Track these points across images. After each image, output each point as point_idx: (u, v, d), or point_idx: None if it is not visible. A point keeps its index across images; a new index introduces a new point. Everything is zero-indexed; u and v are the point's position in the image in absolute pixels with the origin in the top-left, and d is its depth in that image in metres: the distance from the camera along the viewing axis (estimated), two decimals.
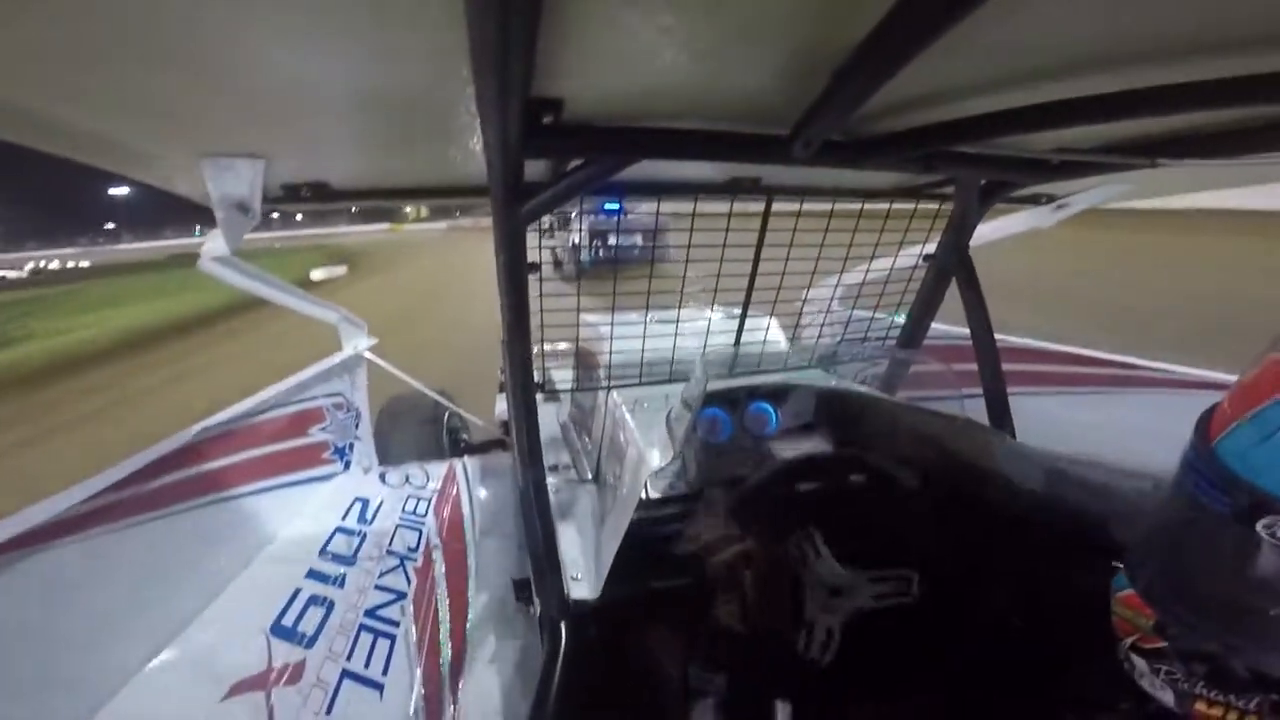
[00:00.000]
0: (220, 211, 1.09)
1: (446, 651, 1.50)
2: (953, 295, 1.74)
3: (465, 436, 3.13)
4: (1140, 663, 0.65)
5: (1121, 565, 0.71)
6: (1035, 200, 1.68)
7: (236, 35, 0.59)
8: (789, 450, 1.54)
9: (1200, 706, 0.60)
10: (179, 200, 1.25)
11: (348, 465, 2.15)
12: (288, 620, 1.45)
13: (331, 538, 1.76)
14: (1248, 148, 0.87)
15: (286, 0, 0.53)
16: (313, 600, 1.52)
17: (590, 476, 1.76)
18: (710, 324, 1.92)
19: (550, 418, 2.29)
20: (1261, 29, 0.57)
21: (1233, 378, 0.60)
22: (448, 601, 1.64)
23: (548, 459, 1.70)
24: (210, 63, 0.66)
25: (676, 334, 1.76)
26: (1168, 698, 0.63)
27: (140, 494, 1.40)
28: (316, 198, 1.28)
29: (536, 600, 1.33)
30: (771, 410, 1.62)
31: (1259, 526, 0.53)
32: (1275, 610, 0.54)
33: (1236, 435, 0.56)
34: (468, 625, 1.59)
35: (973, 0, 0.47)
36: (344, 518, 1.86)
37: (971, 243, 1.65)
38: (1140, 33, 0.61)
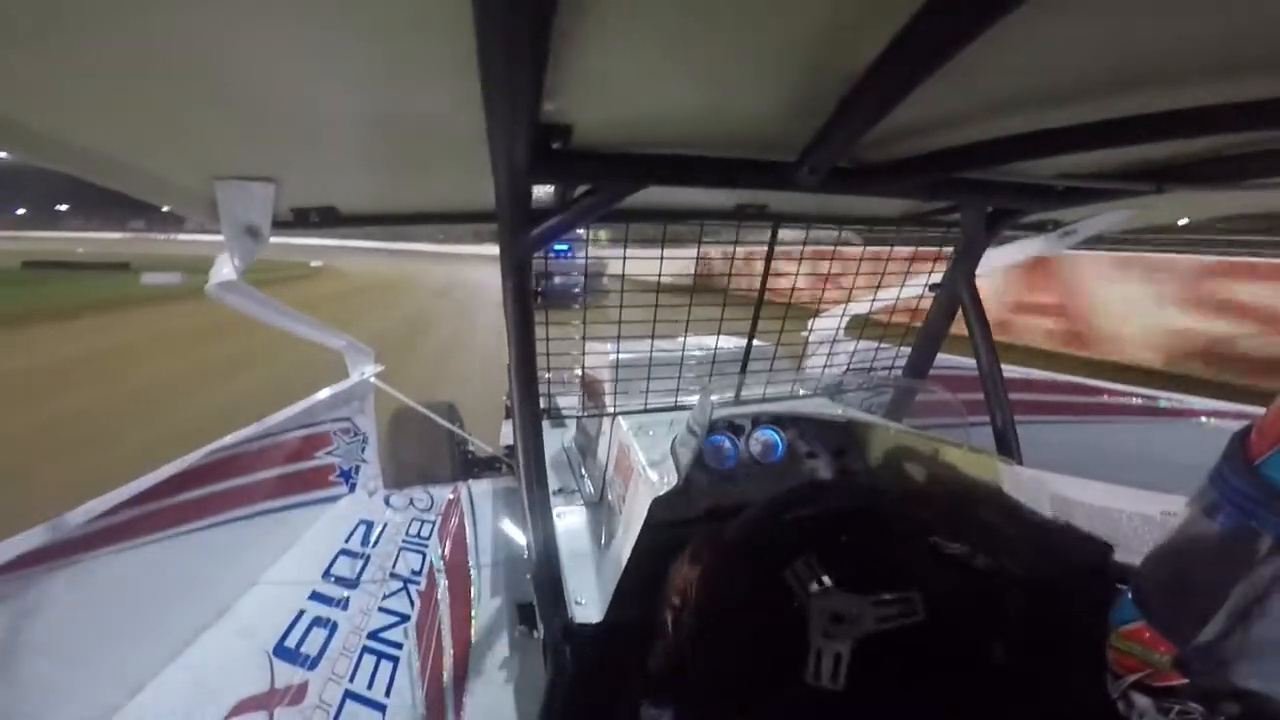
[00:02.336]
0: (230, 235, 1.11)
1: (449, 674, 1.49)
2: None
3: (471, 450, 3.12)
4: (1143, 702, 0.62)
5: (1128, 593, 0.68)
6: (1042, 228, 1.68)
7: (253, 60, 0.61)
8: (793, 477, 1.53)
9: None
10: None
11: (353, 488, 2.15)
12: (291, 641, 1.44)
13: (335, 560, 1.76)
14: (1253, 173, 0.87)
15: (303, 25, 0.54)
16: (316, 622, 1.52)
17: (595, 501, 1.75)
18: (716, 351, 1.92)
19: (555, 442, 2.29)
20: (1265, 54, 0.58)
21: (1236, 406, 0.60)
22: (451, 624, 1.63)
23: (552, 483, 1.69)
24: (226, 86, 0.67)
25: (682, 361, 1.77)
26: None
27: (147, 514, 1.41)
28: (324, 222, 1.30)
29: (540, 624, 1.32)
30: (778, 437, 1.62)
31: None
32: None
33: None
34: (471, 648, 1.58)
35: (976, 28, 0.48)
36: (348, 540, 1.86)
37: (978, 271, 1.66)
38: (1144, 59, 0.62)
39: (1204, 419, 1.81)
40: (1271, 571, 0.54)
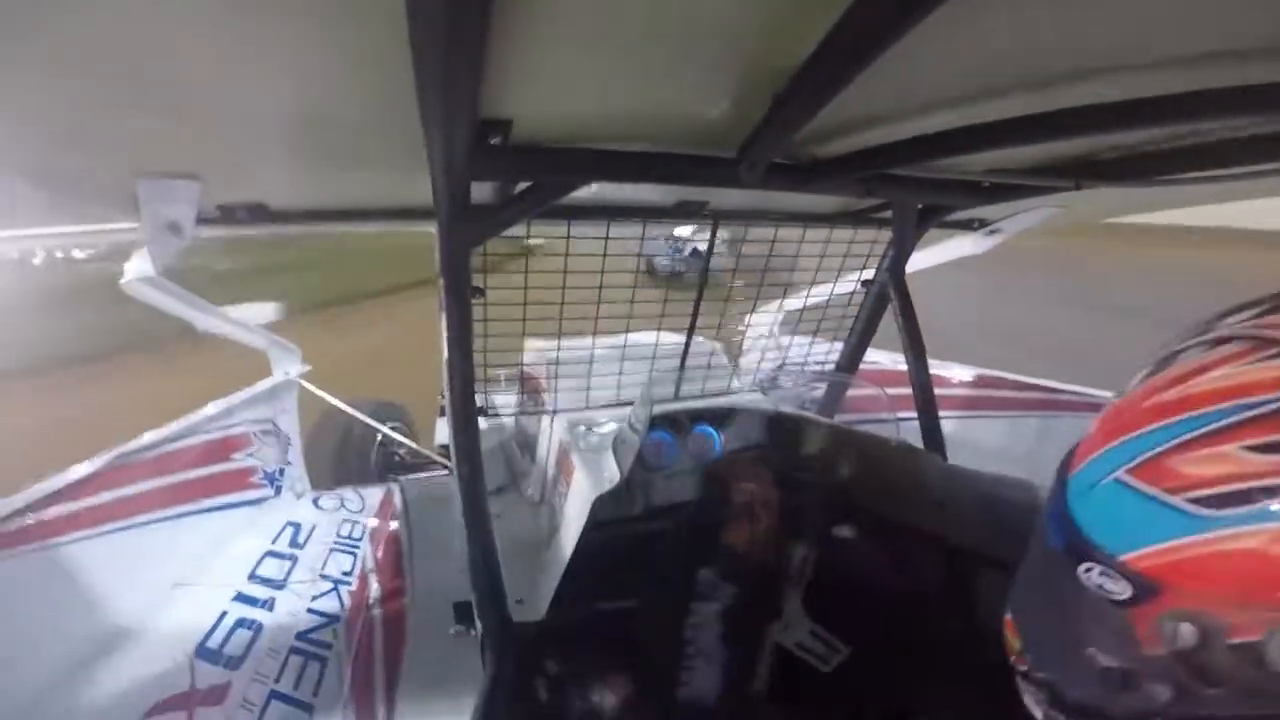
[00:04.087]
0: (150, 232, 1.05)
1: (381, 674, 1.47)
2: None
3: (400, 453, 3.05)
4: (1019, 681, 0.65)
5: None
6: (969, 226, 1.75)
7: (175, 52, 0.58)
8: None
9: None
10: None
11: (279, 490, 2.08)
12: (213, 643, 1.42)
13: (261, 561, 1.70)
14: (1165, 169, 0.92)
15: (227, 15, 0.52)
16: (240, 623, 1.49)
17: (535, 499, 1.74)
18: (656, 349, 1.93)
19: (494, 439, 2.26)
20: (1177, 51, 0.61)
21: None
22: (383, 625, 1.60)
23: (491, 481, 1.67)
24: (147, 80, 0.63)
25: (623, 358, 1.77)
26: (1039, 716, 0.62)
27: (58, 516, 1.36)
28: (253, 220, 1.24)
29: (478, 623, 1.31)
30: (715, 434, 1.64)
31: (1079, 570, 0.52)
32: (1088, 650, 0.54)
33: (1079, 476, 0.55)
34: (405, 648, 1.56)
35: (906, 24, 0.49)
36: (274, 541, 1.80)
37: (907, 268, 1.71)
38: (1064, 55, 0.65)
39: None
40: (1056, 582, 0.56)
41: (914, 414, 1.65)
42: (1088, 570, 0.52)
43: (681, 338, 1.97)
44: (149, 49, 0.56)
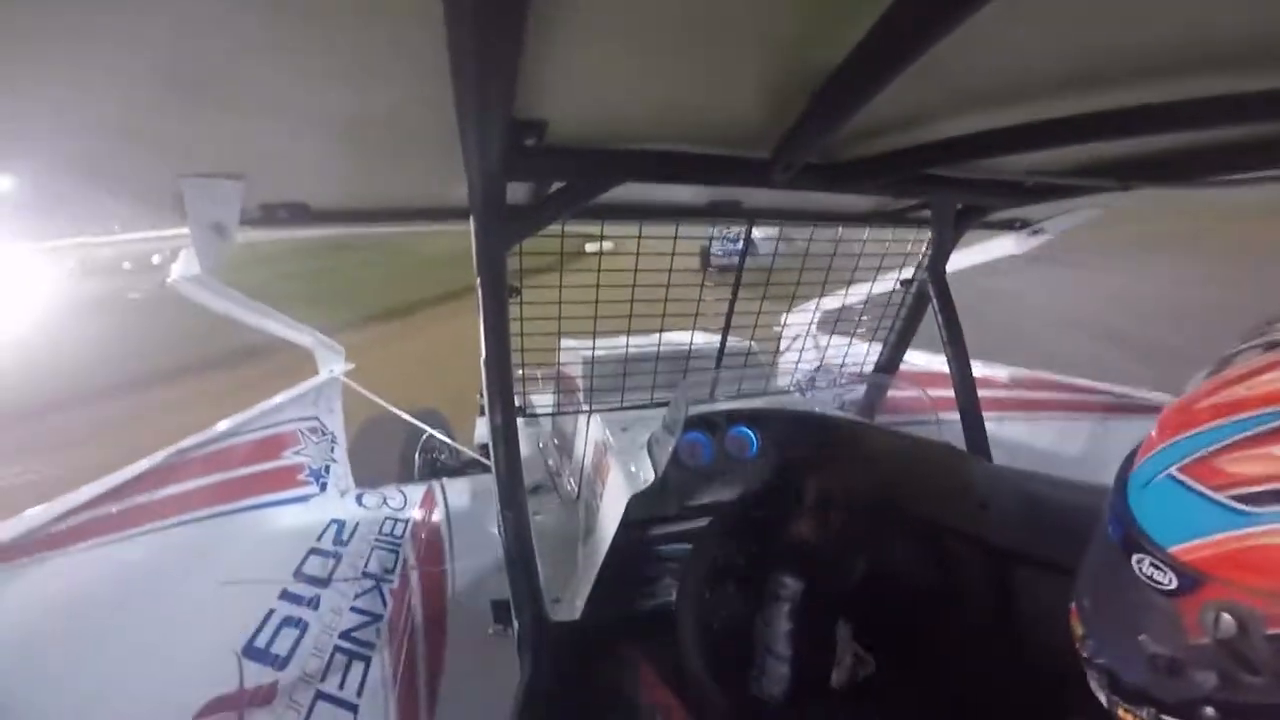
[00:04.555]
0: (196, 232, 1.08)
1: (423, 673, 1.48)
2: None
3: (442, 457, 3.10)
4: (1086, 667, 0.68)
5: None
6: (1010, 225, 1.71)
7: (220, 54, 0.60)
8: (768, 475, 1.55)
9: (1120, 711, 0.63)
10: None
11: (324, 488, 2.12)
12: (260, 641, 1.43)
13: (306, 559, 1.73)
14: (1216, 169, 0.89)
15: (273, 20, 0.53)
16: (286, 621, 1.50)
17: (572, 498, 1.75)
18: (691, 348, 1.93)
19: (531, 438, 2.28)
20: (1230, 51, 0.59)
21: None
22: (424, 623, 1.62)
23: (529, 480, 1.69)
24: (194, 81, 0.65)
25: (658, 358, 1.77)
26: (1103, 700, 0.65)
27: (110, 515, 1.39)
28: (294, 220, 1.27)
29: (515, 622, 1.32)
30: (752, 435, 1.63)
31: (1132, 560, 0.55)
32: (1140, 637, 0.57)
33: (1138, 472, 0.58)
34: (445, 647, 1.57)
35: (946, 25, 0.48)
36: (319, 539, 1.83)
37: (947, 268, 1.68)
38: (1110, 55, 0.63)
39: None
40: (1113, 571, 0.59)
41: (955, 415, 1.61)
42: (1139, 561, 0.55)
43: (716, 338, 1.96)
44: (195, 51, 0.58)
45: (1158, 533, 0.54)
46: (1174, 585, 0.53)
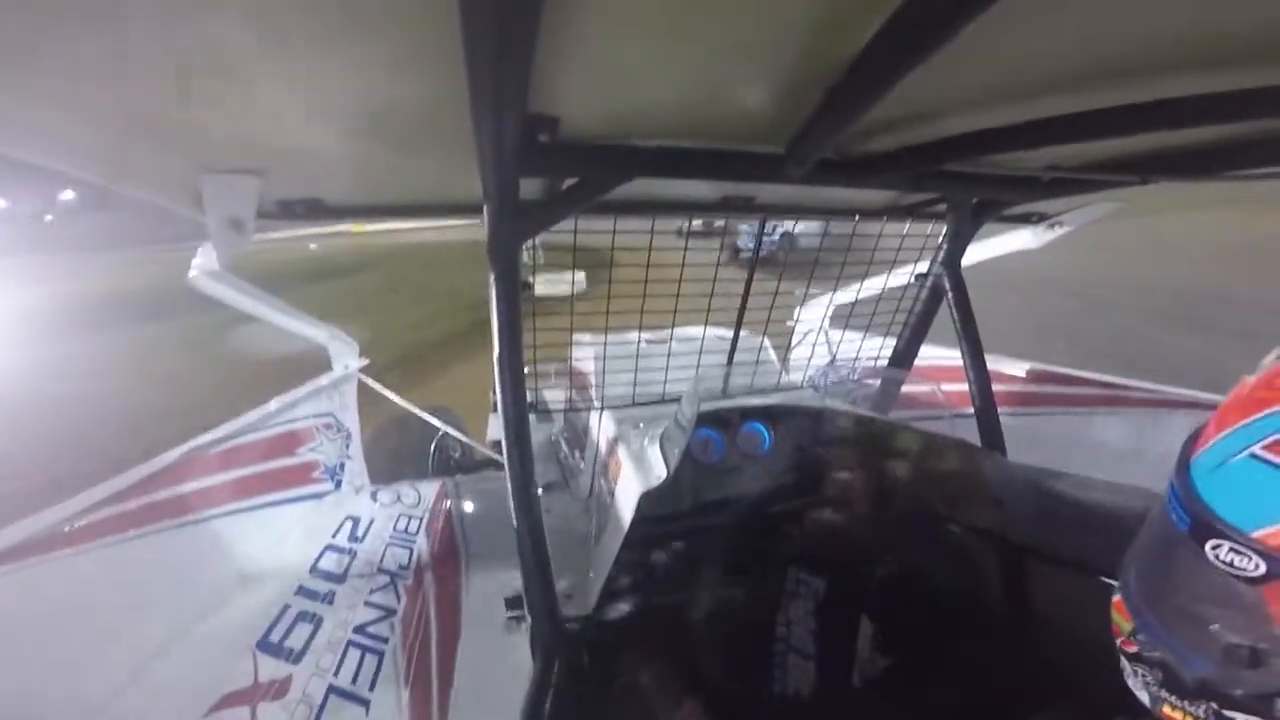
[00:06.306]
0: (215, 227, 1.09)
1: (435, 668, 1.49)
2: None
3: (455, 455, 3.11)
4: (1125, 664, 0.66)
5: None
6: (1027, 219, 1.69)
7: (241, 54, 0.60)
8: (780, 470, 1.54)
9: (1166, 709, 0.61)
10: None
11: (339, 484, 2.14)
12: (275, 636, 1.45)
13: (322, 555, 1.75)
14: (1236, 164, 0.88)
15: (290, 18, 0.53)
16: (301, 616, 1.52)
17: (584, 495, 1.75)
18: (703, 344, 1.92)
19: (543, 436, 2.28)
20: (1250, 45, 0.58)
21: (1218, 398, 0.60)
22: (437, 619, 1.63)
23: (541, 477, 1.69)
24: (215, 79, 0.66)
25: (669, 354, 1.76)
26: (1145, 698, 0.63)
27: (127, 511, 1.40)
28: (310, 214, 1.28)
29: (528, 618, 1.32)
30: (765, 431, 1.62)
31: (1207, 547, 0.53)
32: (1213, 627, 0.55)
33: (1206, 456, 0.56)
34: (458, 642, 1.58)
35: (962, 20, 0.48)
36: (334, 536, 1.85)
37: (963, 262, 1.66)
38: (1129, 50, 0.62)
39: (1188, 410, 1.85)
40: (1183, 562, 0.57)
41: (970, 410, 1.60)
42: (1216, 548, 0.53)
43: (729, 333, 1.95)
44: (215, 49, 0.58)
45: (1238, 517, 0.52)
46: (1261, 571, 0.50)
